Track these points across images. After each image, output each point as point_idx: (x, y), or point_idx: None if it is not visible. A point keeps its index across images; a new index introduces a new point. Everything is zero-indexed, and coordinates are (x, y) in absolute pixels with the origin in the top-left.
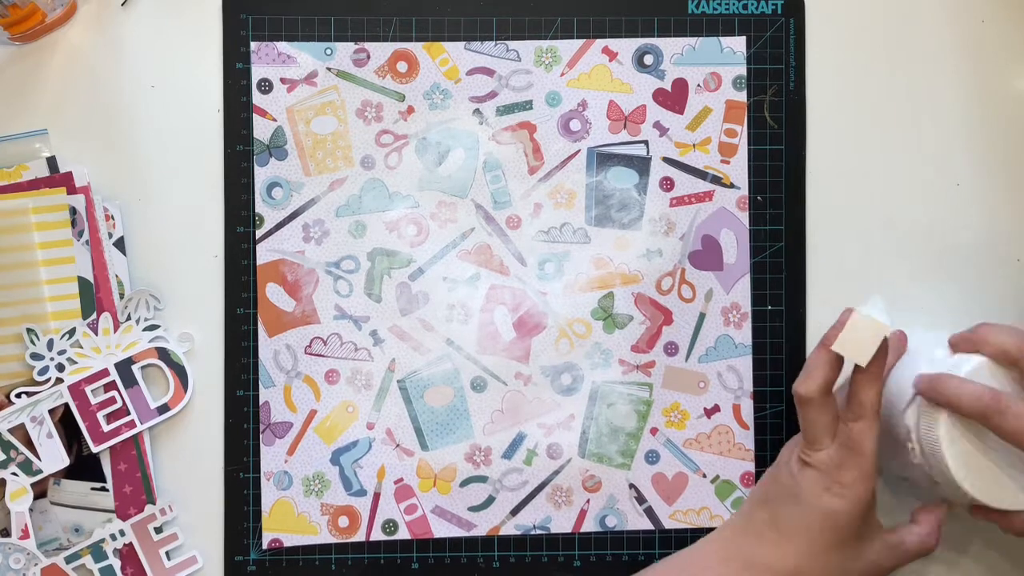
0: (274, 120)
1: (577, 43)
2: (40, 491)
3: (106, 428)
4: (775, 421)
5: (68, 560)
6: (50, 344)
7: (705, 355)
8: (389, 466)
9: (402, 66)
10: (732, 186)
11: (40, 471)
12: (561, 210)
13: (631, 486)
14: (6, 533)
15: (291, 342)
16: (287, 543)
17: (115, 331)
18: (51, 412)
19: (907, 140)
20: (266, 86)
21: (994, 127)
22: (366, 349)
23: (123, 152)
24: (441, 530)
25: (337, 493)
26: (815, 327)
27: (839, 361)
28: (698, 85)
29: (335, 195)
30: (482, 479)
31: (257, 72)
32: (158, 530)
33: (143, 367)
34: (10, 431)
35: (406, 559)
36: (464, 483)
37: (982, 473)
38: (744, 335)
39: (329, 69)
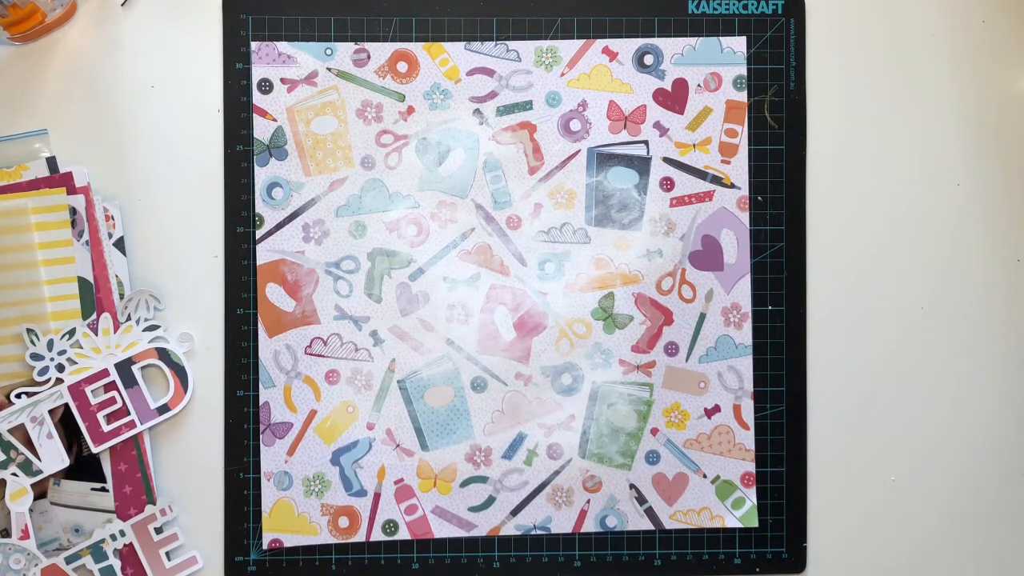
0: (274, 120)
1: (577, 43)
2: (40, 491)
3: (106, 428)
4: (776, 421)
5: (68, 560)
6: (50, 344)
7: (705, 355)
8: (389, 466)
9: (402, 66)
10: (732, 186)
11: (40, 471)
12: (561, 210)
13: (631, 486)
14: (6, 533)
15: (291, 342)
16: (287, 543)
17: (115, 331)
18: (51, 412)
19: (907, 140)
20: (266, 86)
21: (994, 127)
22: (366, 349)
23: (123, 152)
24: (441, 530)
25: (337, 493)
26: (815, 327)
27: None
28: (698, 85)
29: (335, 195)
30: (482, 479)
31: (257, 72)
32: (158, 530)
33: (143, 367)
34: (10, 431)
35: (406, 559)
36: (464, 483)
37: None
38: (744, 335)
39: (329, 69)
